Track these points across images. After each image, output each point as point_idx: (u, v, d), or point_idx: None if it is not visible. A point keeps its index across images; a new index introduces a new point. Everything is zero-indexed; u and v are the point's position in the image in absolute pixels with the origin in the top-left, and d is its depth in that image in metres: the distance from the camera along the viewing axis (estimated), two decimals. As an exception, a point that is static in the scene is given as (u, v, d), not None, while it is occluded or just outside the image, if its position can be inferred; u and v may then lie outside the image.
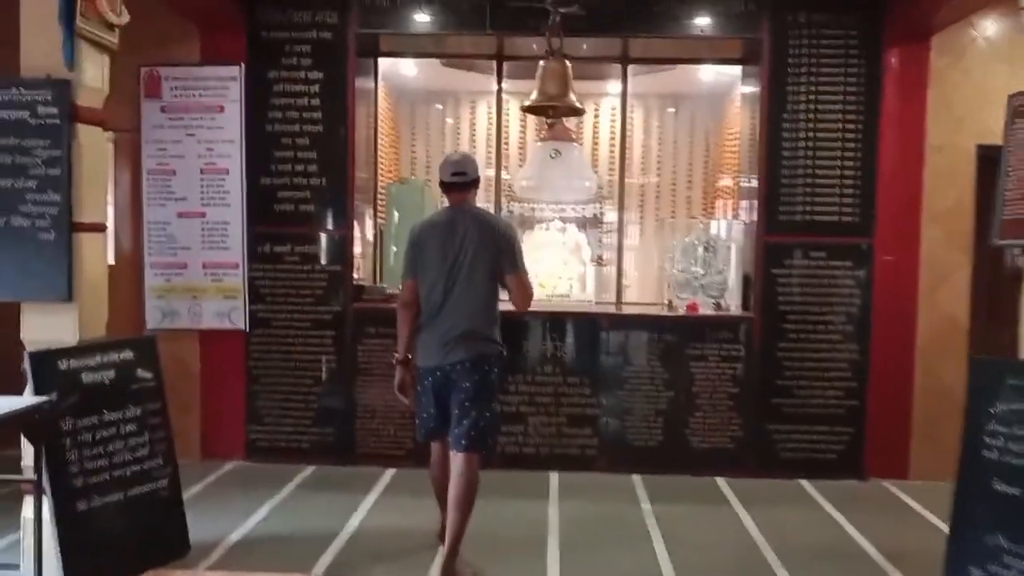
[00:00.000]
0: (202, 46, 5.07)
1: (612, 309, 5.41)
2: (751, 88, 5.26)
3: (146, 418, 3.50)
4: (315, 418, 5.11)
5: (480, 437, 3.48)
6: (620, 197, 5.63)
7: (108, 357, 3.42)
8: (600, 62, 5.69)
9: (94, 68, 3.53)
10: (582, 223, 5.69)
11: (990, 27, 5.02)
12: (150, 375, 3.56)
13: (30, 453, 3.10)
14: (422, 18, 4.99)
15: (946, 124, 5.02)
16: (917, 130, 5.03)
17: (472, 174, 3.64)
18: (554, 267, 5.43)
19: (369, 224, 5.62)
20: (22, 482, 3.39)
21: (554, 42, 4.68)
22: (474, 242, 3.50)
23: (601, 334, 5.09)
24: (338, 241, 5.08)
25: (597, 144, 6.55)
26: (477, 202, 3.80)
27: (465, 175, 3.61)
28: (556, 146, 5.55)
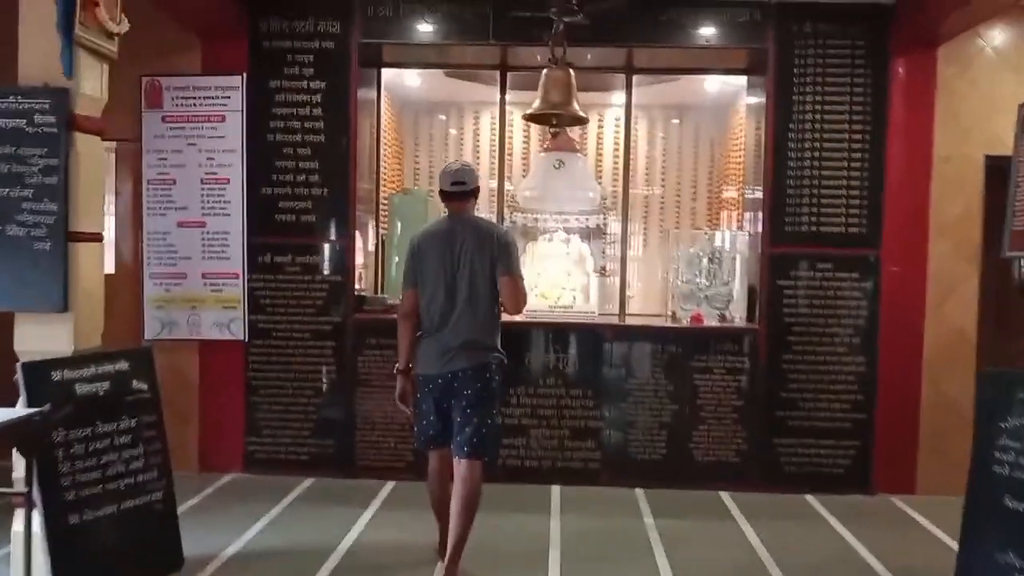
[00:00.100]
0: (203, 56, 5.07)
1: (616, 320, 5.36)
2: (756, 98, 5.22)
3: (141, 430, 3.47)
4: (314, 430, 5.06)
5: (483, 444, 3.48)
6: (624, 208, 5.60)
7: (103, 368, 3.40)
8: (604, 72, 5.66)
9: (93, 77, 3.52)
10: (586, 234, 5.66)
11: (998, 36, 4.98)
12: (145, 386, 3.54)
13: (21, 465, 3.06)
14: (425, 28, 4.97)
15: (953, 134, 4.97)
16: (924, 140, 4.97)
17: (471, 184, 3.64)
18: (557, 278, 5.39)
19: (371, 234, 5.60)
20: (12, 495, 3.35)
21: (558, 52, 4.64)
22: (472, 250, 3.50)
23: (604, 346, 5.04)
24: (339, 251, 5.05)
25: (601, 155, 6.52)
26: (480, 212, 3.78)
27: (464, 185, 3.61)
28: (560, 156, 5.51)
